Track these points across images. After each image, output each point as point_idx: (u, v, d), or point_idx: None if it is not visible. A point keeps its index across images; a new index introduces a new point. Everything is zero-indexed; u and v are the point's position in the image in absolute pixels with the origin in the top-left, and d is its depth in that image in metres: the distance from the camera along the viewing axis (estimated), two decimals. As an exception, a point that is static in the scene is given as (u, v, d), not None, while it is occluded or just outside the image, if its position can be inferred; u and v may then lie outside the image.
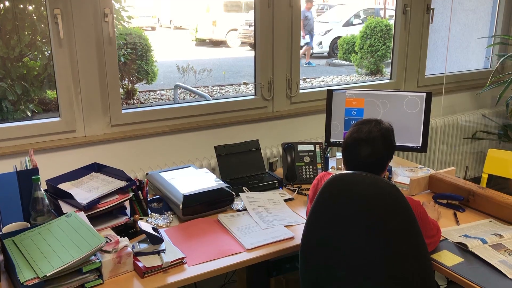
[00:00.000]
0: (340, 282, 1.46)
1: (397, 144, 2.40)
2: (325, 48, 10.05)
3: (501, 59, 3.48)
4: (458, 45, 4.28)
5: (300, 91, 2.99)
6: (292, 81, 2.91)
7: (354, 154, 1.57)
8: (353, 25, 9.94)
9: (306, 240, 1.52)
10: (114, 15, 2.31)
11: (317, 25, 10.60)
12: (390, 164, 2.54)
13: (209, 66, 6.88)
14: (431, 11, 3.38)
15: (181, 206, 1.86)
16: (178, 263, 1.59)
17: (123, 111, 2.39)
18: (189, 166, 2.25)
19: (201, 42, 9.96)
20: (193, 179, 2.07)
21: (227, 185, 2.01)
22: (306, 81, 7.31)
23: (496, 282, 1.50)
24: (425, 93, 2.34)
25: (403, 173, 2.42)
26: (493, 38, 3.82)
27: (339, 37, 9.43)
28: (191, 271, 1.57)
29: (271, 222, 1.89)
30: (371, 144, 1.54)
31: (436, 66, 4.24)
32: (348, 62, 8.64)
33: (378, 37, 7.34)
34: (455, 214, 1.98)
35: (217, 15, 9.85)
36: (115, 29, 2.27)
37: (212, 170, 2.47)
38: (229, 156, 2.27)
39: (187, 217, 1.90)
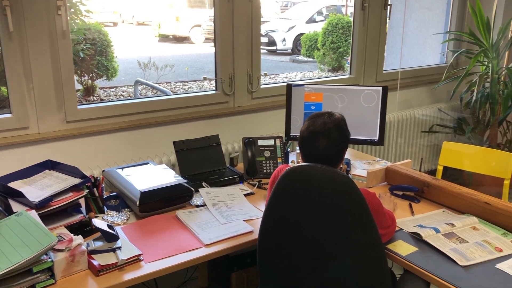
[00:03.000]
0: (298, 273, 1.47)
1: (355, 137, 2.46)
2: (289, 45, 10.11)
3: (455, 55, 3.59)
4: (416, 41, 4.39)
5: (261, 86, 3.00)
6: (253, 76, 2.91)
7: (312, 147, 1.58)
8: (315, 22, 10.04)
9: (263, 233, 1.53)
10: (72, 9, 2.24)
11: (281, 22, 10.66)
12: (349, 157, 2.59)
13: (172, 62, 6.80)
14: (388, 7, 3.45)
15: (138, 203, 1.83)
16: (135, 260, 1.57)
17: (79, 107, 2.33)
18: (147, 163, 2.22)
19: (164, 38, 9.83)
20: (151, 175, 2.04)
21: (185, 180, 1.99)
22: (270, 77, 7.33)
23: (447, 269, 1.55)
24: (381, 87, 2.39)
25: (361, 166, 2.46)
26: (447, 34, 3.93)
27: (302, 34, 9.50)
28: (147, 268, 1.55)
29: (230, 217, 1.88)
30: (327, 136, 1.56)
31: (396, 61, 4.34)
32: (311, 59, 8.71)
33: (340, 34, 7.43)
34: (410, 205, 2.03)
35: (181, 10, 9.74)
36: (72, 23, 2.20)
37: (172, 167, 2.44)
38: (189, 151, 2.24)
39: (145, 214, 1.87)
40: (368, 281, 1.40)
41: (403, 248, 1.68)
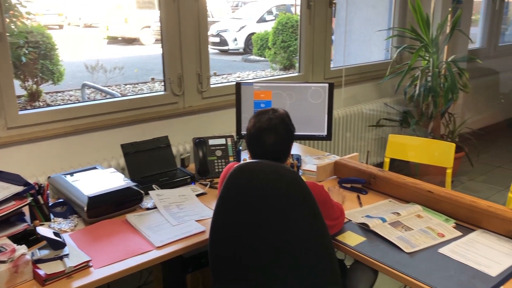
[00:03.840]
0: (249, 270, 1.48)
1: (304, 133, 2.50)
2: (240, 44, 10.15)
3: (398, 50, 3.72)
4: (362, 39, 4.51)
5: (211, 86, 2.99)
6: (203, 76, 2.90)
7: (260, 144, 1.60)
8: (266, 21, 10.11)
9: (214, 232, 1.53)
10: (11, 11, 2.15)
11: (231, 21, 10.67)
12: (300, 153, 2.63)
13: (121, 64, 6.67)
14: (333, 5, 3.53)
15: (85, 208, 1.78)
16: (83, 267, 1.53)
17: (21, 112, 2.24)
18: (95, 167, 2.17)
19: (113, 40, 9.62)
20: (99, 180, 1.99)
21: (135, 183, 1.95)
22: (223, 77, 7.33)
23: (394, 257, 1.60)
24: (327, 84, 2.44)
25: (311, 161, 2.51)
26: (390, 31, 4.07)
27: (253, 33, 9.56)
28: (97, 274, 1.51)
29: (182, 218, 1.87)
30: (274, 131, 1.58)
31: (343, 58, 4.45)
32: (263, 58, 8.78)
33: (290, 33, 7.53)
34: (358, 197, 2.09)
35: (129, 12, 9.55)
36: (12, 26, 2.11)
37: (122, 170, 2.40)
38: (138, 154, 2.21)
39: (93, 219, 1.82)
40: (317, 273, 1.43)
41: (352, 239, 1.73)
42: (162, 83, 2.85)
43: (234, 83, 2.67)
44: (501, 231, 1.73)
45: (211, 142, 2.35)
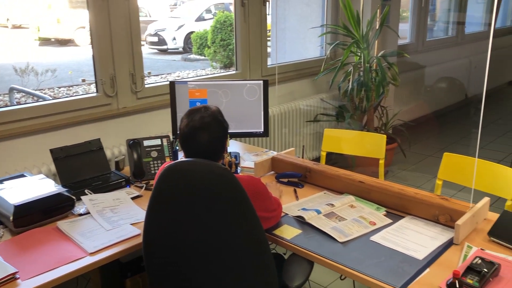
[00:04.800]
0: (185, 272, 1.47)
1: (241, 131, 2.51)
2: (180, 43, 10.03)
3: (331, 47, 3.82)
4: (297, 36, 4.60)
5: (146, 86, 2.94)
6: (137, 76, 2.85)
7: (193, 143, 1.59)
8: (204, 20, 10.06)
9: (146, 235, 1.50)
10: None
11: (170, 20, 10.52)
12: (238, 150, 2.64)
13: (54, 67, 6.39)
14: (267, 3, 3.57)
15: (11, 218, 1.69)
16: (9, 280, 1.45)
17: None
18: (23, 174, 2.06)
19: (46, 42, 9.20)
20: (27, 187, 1.90)
21: (66, 189, 1.88)
22: (162, 77, 7.21)
23: (328, 247, 1.65)
24: (262, 81, 2.46)
25: (250, 158, 2.53)
26: (324, 28, 4.17)
27: (192, 32, 9.48)
28: (25, 286, 1.44)
29: (116, 222, 1.82)
30: (207, 130, 1.57)
31: (281, 56, 4.51)
32: (203, 57, 8.73)
33: (229, 31, 7.54)
34: (295, 191, 2.13)
35: (62, 12, 9.17)
36: None
37: (54, 176, 2.30)
38: (68, 158, 2.13)
39: (21, 228, 1.73)
40: (253, 267, 1.44)
41: (288, 232, 1.76)
42: (95, 85, 2.76)
43: (167, 82, 2.64)
44: (427, 216, 1.82)
45: (146, 143, 2.31)
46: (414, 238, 1.70)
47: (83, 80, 4.86)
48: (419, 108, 5.41)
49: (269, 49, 3.77)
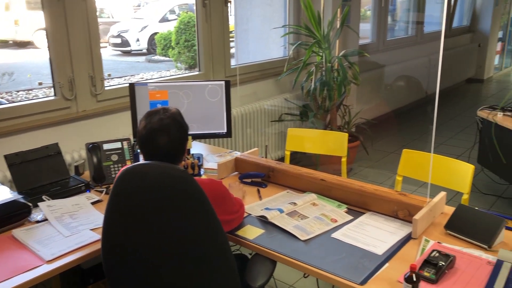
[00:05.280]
0: (145, 277, 1.45)
1: (204, 132, 2.50)
2: (144, 45, 9.91)
3: (293, 47, 3.85)
4: (261, 36, 4.61)
5: (106, 88, 2.88)
6: (96, 78, 2.79)
7: (153, 146, 1.57)
8: (168, 20, 9.97)
9: (105, 240, 1.47)
10: None
11: (133, 21, 10.36)
12: (202, 152, 2.63)
13: (12, 70, 6.19)
14: (229, 4, 3.56)
15: (-37, 228, 1.63)
16: (-39, 292, 1.40)
17: None
18: (-24, 182, 1.99)
19: (3, 44, 8.89)
20: (-21, 195, 1.83)
21: (21, 196, 1.82)
22: (125, 79, 7.10)
23: (290, 246, 1.66)
24: (224, 81, 2.46)
25: (214, 159, 2.52)
26: (286, 28, 4.20)
27: (156, 33, 9.38)
28: (-23, 298, 1.39)
29: (75, 228, 1.78)
30: (166, 132, 1.56)
31: (246, 56, 4.51)
32: (167, 58, 8.65)
33: (193, 32, 7.48)
34: (258, 191, 2.14)
35: (20, 13, 8.89)
36: None
37: (10, 183, 2.23)
38: (24, 164, 2.06)
39: (-27, 238, 1.67)
40: (214, 270, 1.43)
41: (251, 232, 1.76)
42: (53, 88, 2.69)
43: (126, 84, 2.59)
44: (387, 211, 1.86)
45: (105, 146, 2.26)
46: (374, 233, 1.73)
47: (40, 84, 4.73)
48: (381, 106, 5.53)
49: (233, 50, 3.77)
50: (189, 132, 2.41)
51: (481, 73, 8.35)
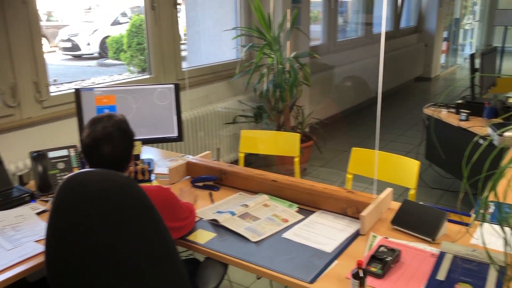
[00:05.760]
0: (90, 284, 1.41)
1: (154, 136, 2.46)
2: (95, 48, 9.68)
3: (244, 49, 3.87)
4: (213, 38, 4.60)
5: (52, 94, 2.79)
6: (41, 84, 2.70)
7: (97, 154, 1.53)
8: (120, 23, 9.78)
9: (48, 252, 1.42)
10: None
11: (83, 25, 10.10)
12: (153, 157, 2.59)
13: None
14: (178, 6, 3.53)
15: None
16: None
17: None
18: None
19: None
20: None
21: (-42, 209, 1.73)
22: (76, 84, 6.90)
23: (242, 248, 1.66)
24: (173, 85, 2.43)
25: (165, 164, 2.48)
26: (237, 30, 4.21)
27: (107, 37, 9.18)
28: None
29: (18, 241, 1.71)
30: (110, 140, 1.52)
31: (198, 59, 4.49)
32: (120, 62, 8.48)
33: (145, 35, 7.38)
34: (210, 194, 2.13)
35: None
36: None
37: None
38: (-38, 176, 1.96)
39: None
40: (162, 277, 1.41)
41: (202, 236, 1.75)
42: None
43: (72, 90, 2.52)
44: (336, 209, 1.90)
45: (51, 154, 2.19)
46: (324, 232, 1.76)
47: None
48: (333, 106, 5.64)
49: (186, 53, 3.74)
50: (139, 137, 2.40)
51: (429, 71, 8.68)
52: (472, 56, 3.67)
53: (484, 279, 1.42)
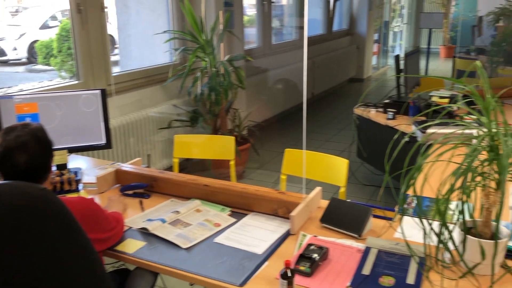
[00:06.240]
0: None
1: (81, 144, 2.37)
2: (23, 53, 9.19)
3: (177, 52, 3.82)
4: (146, 42, 4.51)
5: (-32, 103, 2.61)
6: (-46, 93, 2.51)
7: (11, 165, 1.45)
8: (50, 27, 9.36)
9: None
10: None
11: (9, 29, 9.58)
12: (80, 166, 2.49)
13: None
14: (106, 9, 3.43)
15: None
16: None
17: None
18: None
19: None
20: None
21: None
22: (1, 91, 6.51)
23: (172, 255, 1.63)
24: (99, 90, 2.35)
25: (94, 172, 2.39)
26: (170, 34, 4.16)
27: (36, 41, 8.76)
28: None
29: None
30: (24, 150, 1.44)
31: (131, 63, 4.38)
32: (50, 67, 8.12)
33: (75, 39, 7.11)
34: (140, 202, 2.07)
35: None
36: None
37: None
38: None
39: None
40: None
41: (131, 246, 1.70)
42: None
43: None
44: (268, 211, 1.91)
45: (-34, 167, 2.04)
46: (255, 233, 1.77)
47: None
48: (269, 108, 5.71)
49: (117, 57, 3.64)
50: (65, 146, 2.30)
51: (361, 72, 9.01)
52: (397, 58, 3.85)
53: (406, 270, 1.48)
